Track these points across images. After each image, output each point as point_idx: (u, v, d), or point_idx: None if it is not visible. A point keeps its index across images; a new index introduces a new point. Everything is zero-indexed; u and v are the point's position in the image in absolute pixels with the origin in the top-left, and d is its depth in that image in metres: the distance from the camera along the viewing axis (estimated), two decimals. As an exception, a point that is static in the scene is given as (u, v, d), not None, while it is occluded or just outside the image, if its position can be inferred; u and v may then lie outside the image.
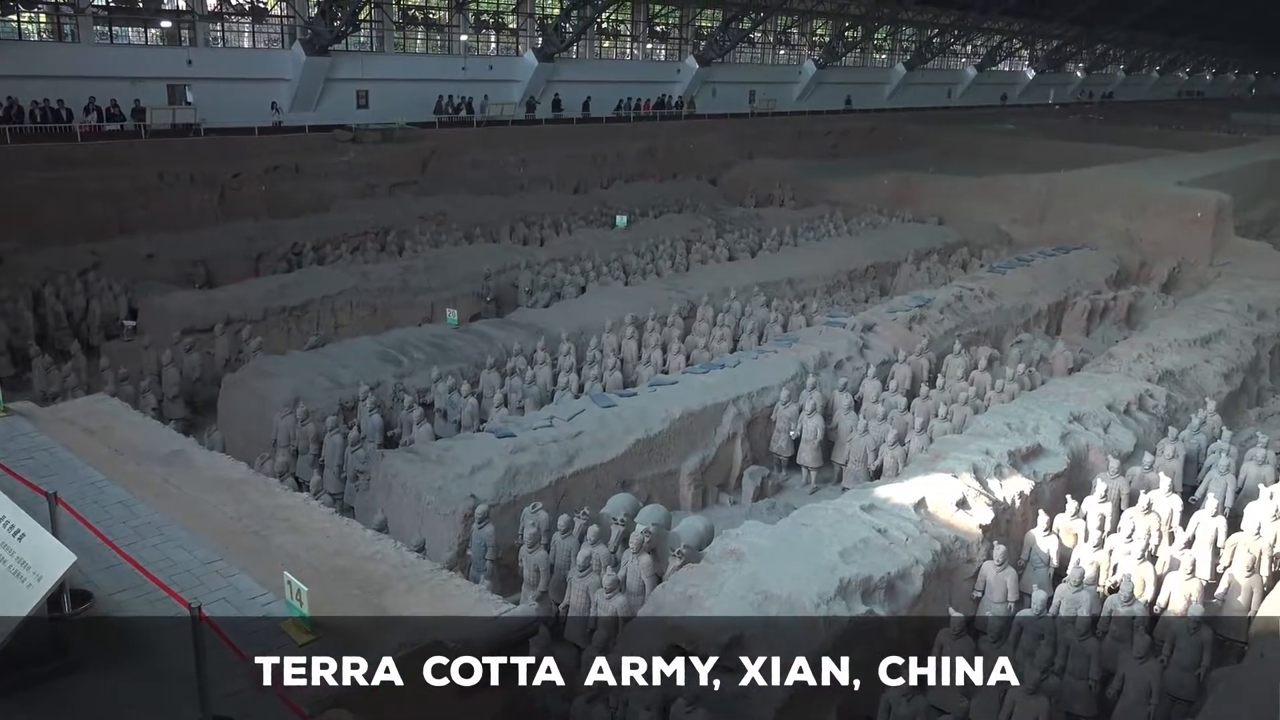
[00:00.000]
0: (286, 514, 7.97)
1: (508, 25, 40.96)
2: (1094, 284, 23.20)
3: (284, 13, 33.71)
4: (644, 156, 37.55)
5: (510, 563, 10.89)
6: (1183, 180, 29.59)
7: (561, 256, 23.34)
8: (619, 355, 16.97)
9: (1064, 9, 58.05)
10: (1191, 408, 15.38)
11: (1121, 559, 10.73)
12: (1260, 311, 20.24)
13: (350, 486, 13.06)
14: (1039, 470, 12.48)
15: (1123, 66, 78.91)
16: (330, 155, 29.93)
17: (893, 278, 24.47)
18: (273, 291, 19.35)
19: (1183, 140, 45.91)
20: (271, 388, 14.40)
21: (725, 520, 12.24)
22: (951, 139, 44.73)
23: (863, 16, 52.08)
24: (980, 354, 17.31)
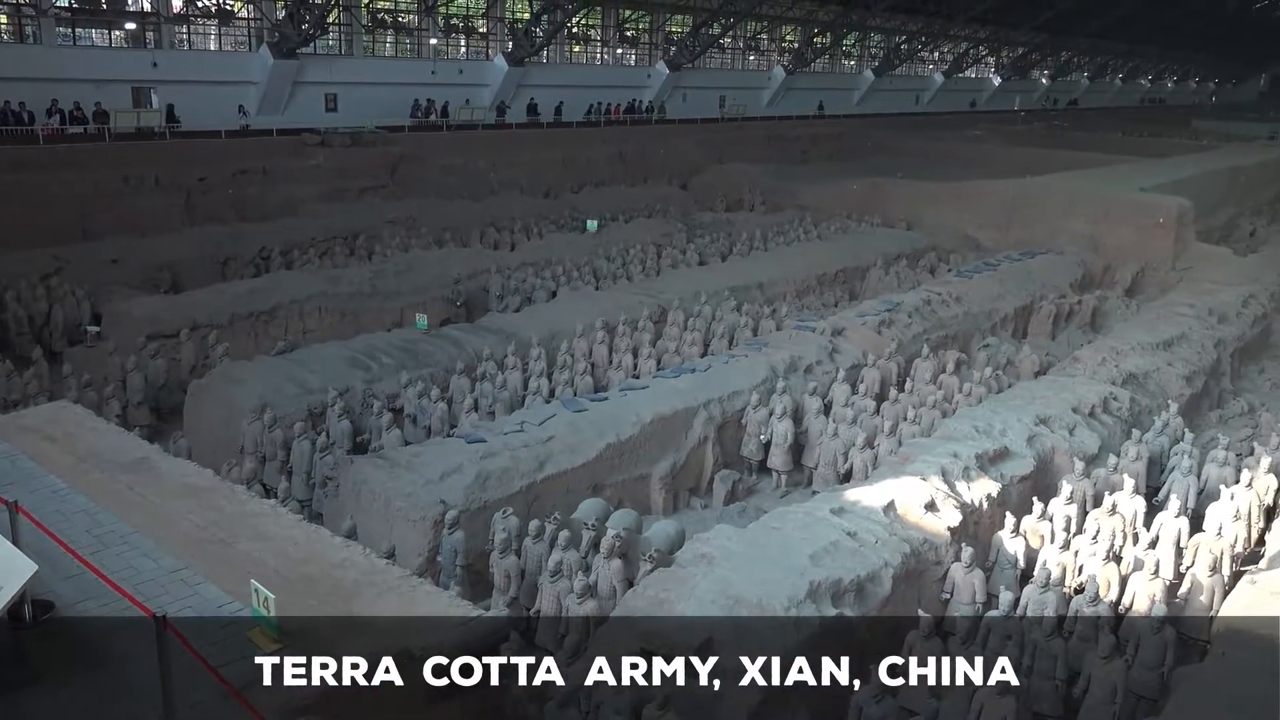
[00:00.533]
0: (254, 521, 7.88)
1: (477, 29, 40.86)
2: (1059, 288, 23.50)
3: (251, 15, 33.42)
4: (614, 161, 37.59)
5: (481, 569, 10.85)
6: (1145, 186, 30.07)
7: (532, 261, 23.29)
8: (590, 360, 16.97)
9: (1029, 17, 58.77)
10: (1154, 410, 15.61)
11: (1087, 560, 10.86)
12: (1221, 315, 20.59)
13: (319, 493, 12.95)
14: (1006, 472, 12.62)
15: (1087, 74, 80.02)
16: (298, 159, 29.70)
17: (862, 282, 24.64)
18: (240, 296, 19.17)
19: (1145, 147, 46.67)
20: (239, 394, 14.26)
21: (696, 524, 12.26)
22: (919, 145, 45.18)
23: (831, 23, 52.44)
24: (948, 358, 17.47)
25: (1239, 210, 35.57)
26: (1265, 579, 9.85)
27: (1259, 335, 21.49)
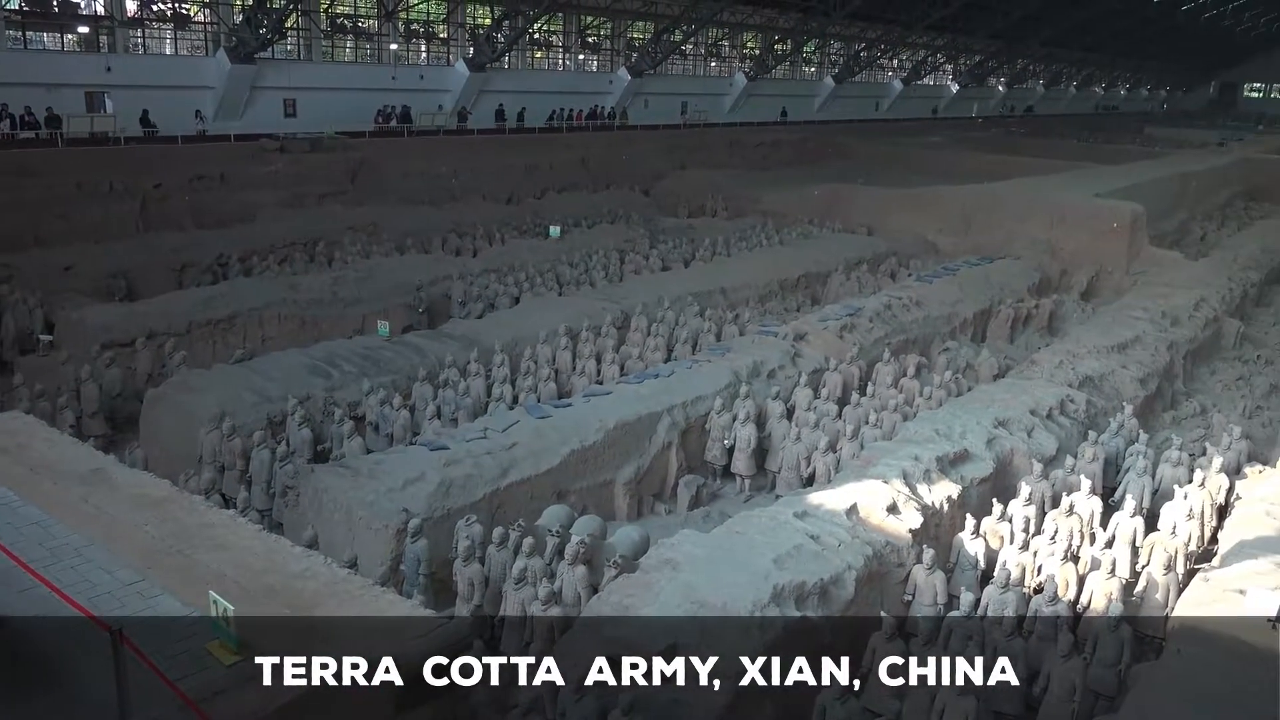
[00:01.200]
0: (212, 532, 7.76)
1: (438, 35, 40.69)
2: (1017, 292, 23.82)
3: (207, 19, 33.02)
4: (577, 167, 37.58)
5: (444, 577, 10.77)
6: (1100, 192, 30.59)
7: (495, 267, 23.21)
8: (553, 366, 16.93)
9: (984, 25, 59.65)
10: (1110, 412, 15.86)
11: (1045, 560, 11.01)
12: (1173, 318, 20.99)
13: (279, 503, 12.78)
14: (966, 475, 12.77)
15: (1042, 81, 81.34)
16: (257, 165, 29.37)
17: (824, 287, 24.83)
18: (197, 304, 18.91)
19: (1099, 153, 47.54)
20: (196, 402, 14.06)
21: (661, 530, 12.26)
22: (879, 151, 45.64)
23: (791, 30, 52.87)
24: (909, 361, 17.64)
25: (1190, 215, 36.29)
26: (1218, 576, 10.03)
27: (1210, 337, 21.93)
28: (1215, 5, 79.35)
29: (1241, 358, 22.04)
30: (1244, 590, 9.20)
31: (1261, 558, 10.16)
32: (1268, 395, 19.48)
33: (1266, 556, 10.17)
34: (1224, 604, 9.25)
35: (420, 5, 39.59)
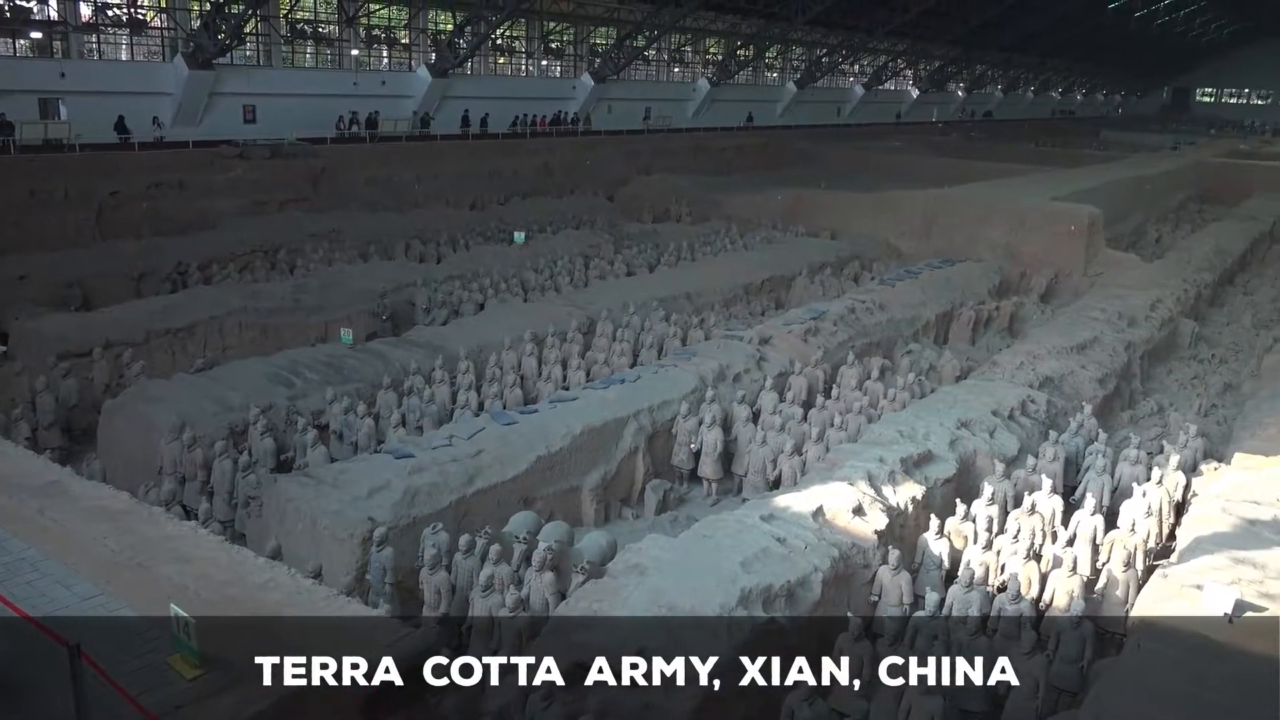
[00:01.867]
0: (173, 544, 7.65)
1: (400, 40, 40.47)
2: (978, 295, 24.12)
3: (164, 25, 32.59)
4: (541, 173, 37.53)
5: (411, 586, 10.69)
6: (1057, 195, 31.07)
7: (459, 273, 23.11)
8: (519, 372, 16.88)
9: (944, 31, 60.39)
10: (1070, 412, 16.07)
11: (1009, 559, 11.13)
12: (1130, 319, 21.34)
13: (241, 513, 12.63)
14: (930, 476, 12.88)
15: (1000, 87, 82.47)
16: (216, 171, 29.01)
17: (788, 291, 24.97)
18: (156, 313, 18.64)
19: (1057, 157, 48.27)
20: (156, 413, 13.85)
21: (628, 535, 12.27)
22: (842, 156, 46.03)
23: (754, 36, 53.20)
24: (873, 364, 17.78)
25: (1145, 218, 36.95)
26: (1176, 572, 10.20)
27: (1166, 337, 22.33)
28: (1168, 13, 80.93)
29: (1196, 357, 22.48)
30: (1201, 586, 9.36)
31: (1218, 553, 10.34)
32: (1222, 394, 19.88)
33: (1223, 552, 10.35)
34: (1182, 599, 9.41)
35: (381, 10, 39.33)
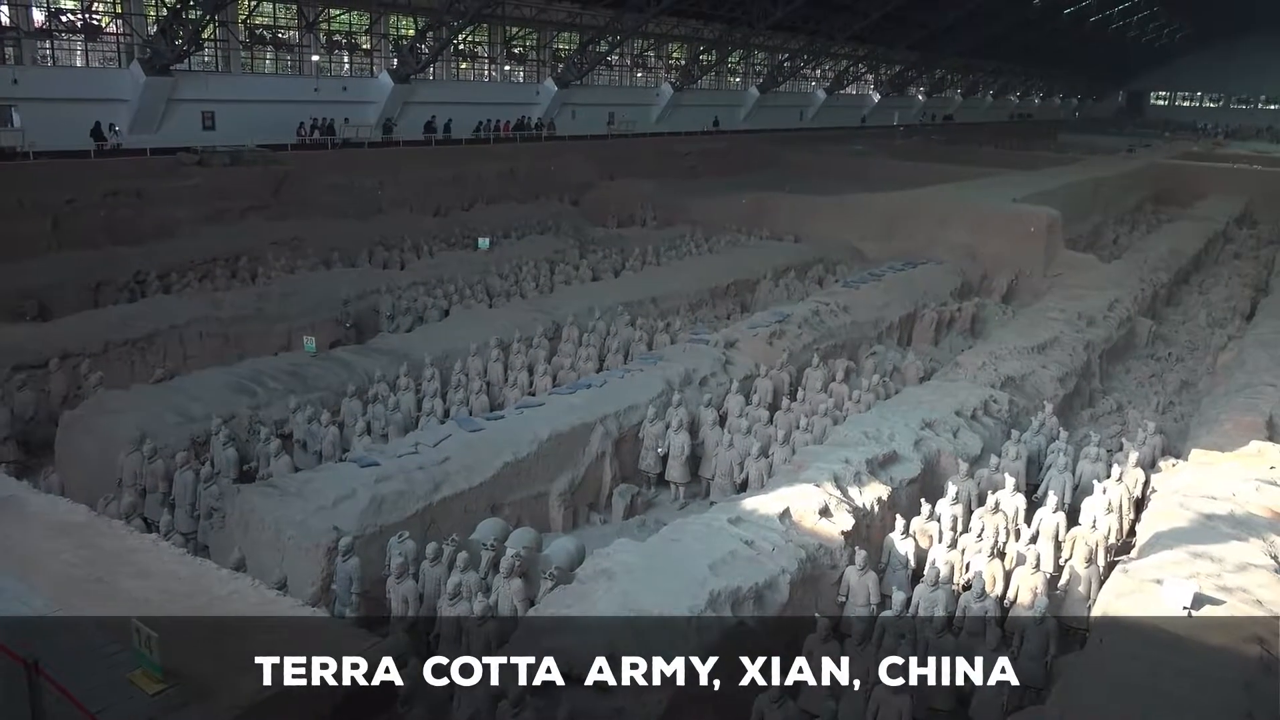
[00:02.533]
0: (134, 557, 7.56)
1: (361, 46, 40.18)
2: (940, 296, 24.37)
3: (120, 31, 32.12)
4: (505, 178, 37.41)
5: (378, 595, 10.61)
6: (1017, 197, 31.51)
7: (423, 280, 22.99)
8: (484, 378, 16.82)
9: (904, 36, 61.02)
10: (1031, 411, 16.29)
11: (973, 557, 11.25)
12: (1089, 319, 21.68)
13: (204, 525, 12.48)
14: (895, 476, 12.99)
15: (960, 91, 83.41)
16: (175, 179, 28.60)
17: (753, 294, 25.09)
18: (114, 323, 18.34)
19: (1016, 160, 48.92)
20: (115, 424, 13.63)
21: (596, 540, 12.24)
22: (805, 159, 46.34)
23: (716, 41, 53.40)
24: (837, 366, 17.91)
25: (1103, 219, 37.55)
26: (1136, 567, 10.37)
27: (1124, 337, 22.71)
28: (1121, 17, 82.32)
29: (1154, 356, 22.88)
30: (1161, 580, 9.53)
31: (1177, 548, 10.53)
32: (1179, 391, 20.24)
33: (1181, 547, 10.54)
34: (1142, 594, 9.57)
35: (342, 16, 39.03)
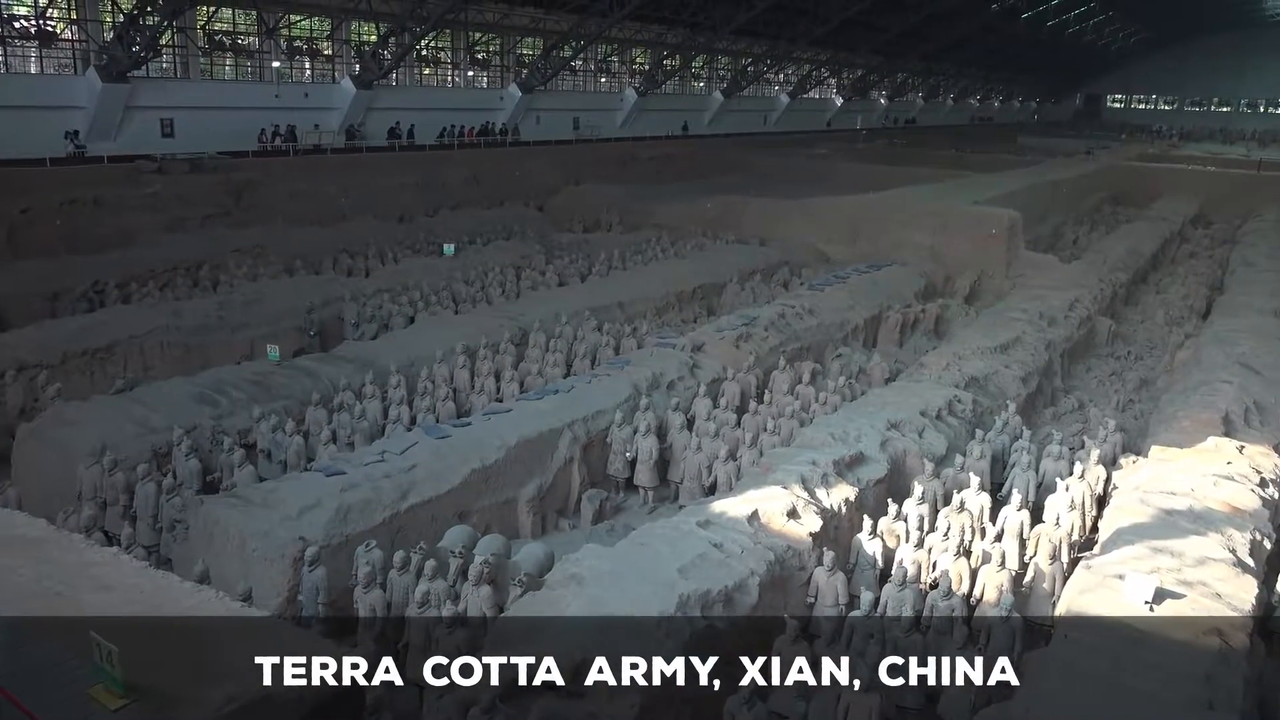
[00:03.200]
0: (94, 571, 7.41)
1: (323, 52, 39.88)
2: (904, 298, 24.58)
3: (76, 37, 31.64)
4: (470, 184, 37.24)
5: (345, 605, 10.51)
6: (978, 199, 31.88)
7: (388, 287, 22.80)
8: (451, 385, 16.73)
9: (865, 41, 61.58)
10: (995, 410, 16.48)
11: (940, 556, 11.35)
12: (1050, 319, 21.97)
13: (167, 538, 12.29)
14: (862, 477, 13.08)
15: (921, 94, 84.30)
16: (133, 187, 28.19)
17: (719, 298, 25.15)
18: (72, 333, 18.02)
19: (977, 162, 49.49)
20: (74, 436, 13.40)
21: (565, 545, 12.19)
22: (769, 163, 46.58)
23: (680, 46, 53.57)
24: (804, 368, 18.00)
25: (1063, 220, 38.10)
26: (1099, 563, 10.52)
27: (1085, 336, 23.04)
28: (1078, 22, 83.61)
29: (1114, 354, 23.23)
30: (1123, 575, 9.67)
31: (1138, 544, 10.70)
32: (1138, 389, 20.56)
33: (1142, 542, 10.71)
34: (1105, 589, 9.71)
35: (303, 22, 38.72)
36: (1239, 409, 15.70)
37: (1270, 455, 13.97)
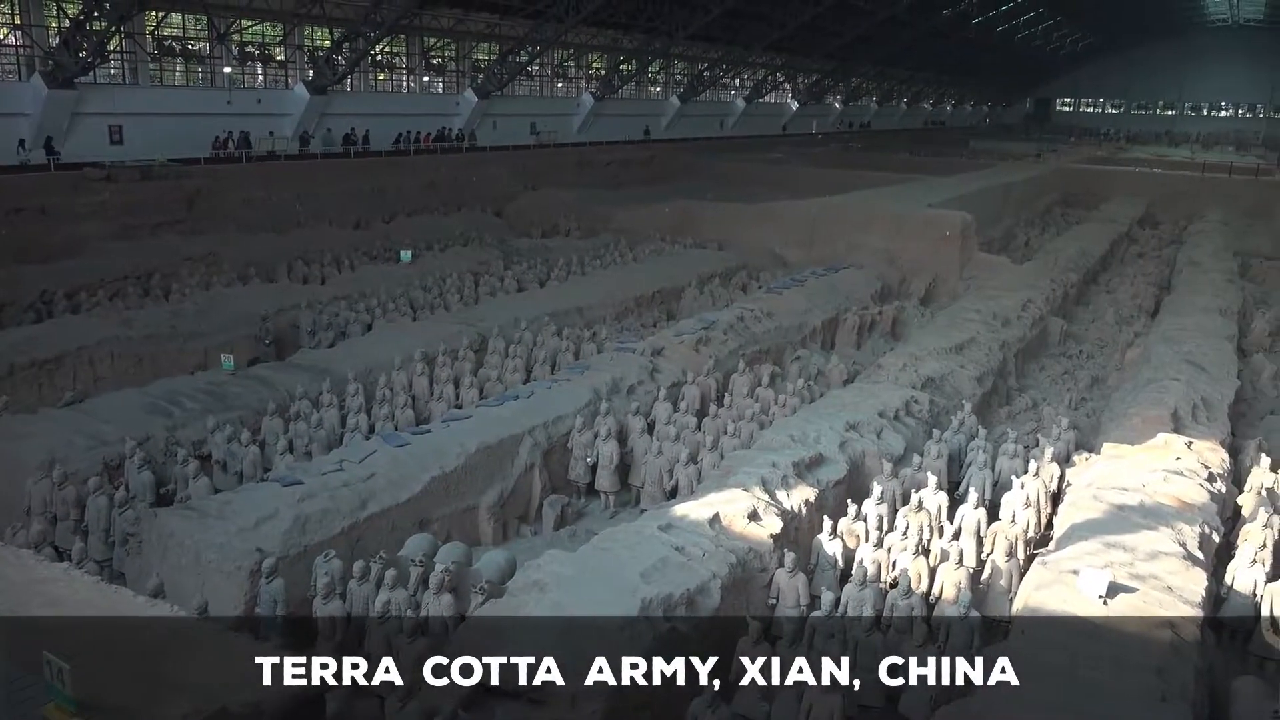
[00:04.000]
0: (44, 587, 7.27)
1: (275, 57, 39.41)
2: (861, 300, 24.84)
3: (19, 42, 30.98)
4: (426, 190, 37.00)
5: (304, 616, 10.38)
6: (932, 202, 32.28)
7: (344, 294, 22.59)
8: (410, 392, 16.60)
9: (819, 46, 62.14)
10: (951, 410, 16.68)
11: (899, 555, 11.47)
12: (1004, 319, 22.31)
13: (119, 552, 12.05)
14: (822, 478, 13.19)
15: (875, 99, 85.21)
16: (81, 195, 27.61)
17: (678, 302, 25.24)
18: (18, 344, 17.62)
19: (930, 166, 50.13)
20: (22, 450, 13.11)
21: (527, 552, 12.17)
22: (726, 168, 46.82)
23: (636, 51, 53.69)
24: (763, 371, 18.11)
25: (1014, 222, 38.71)
26: (1054, 559, 10.69)
27: (1038, 336, 23.42)
28: (1027, 27, 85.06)
29: (1066, 353, 23.64)
30: (1077, 571, 9.84)
31: (1092, 539, 10.90)
32: (1090, 387, 20.95)
33: (1096, 538, 10.91)
34: (1061, 585, 9.87)
35: (255, 27, 38.24)
36: (1187, 406, 16.04)
37: (1217, 450, 14.31)
